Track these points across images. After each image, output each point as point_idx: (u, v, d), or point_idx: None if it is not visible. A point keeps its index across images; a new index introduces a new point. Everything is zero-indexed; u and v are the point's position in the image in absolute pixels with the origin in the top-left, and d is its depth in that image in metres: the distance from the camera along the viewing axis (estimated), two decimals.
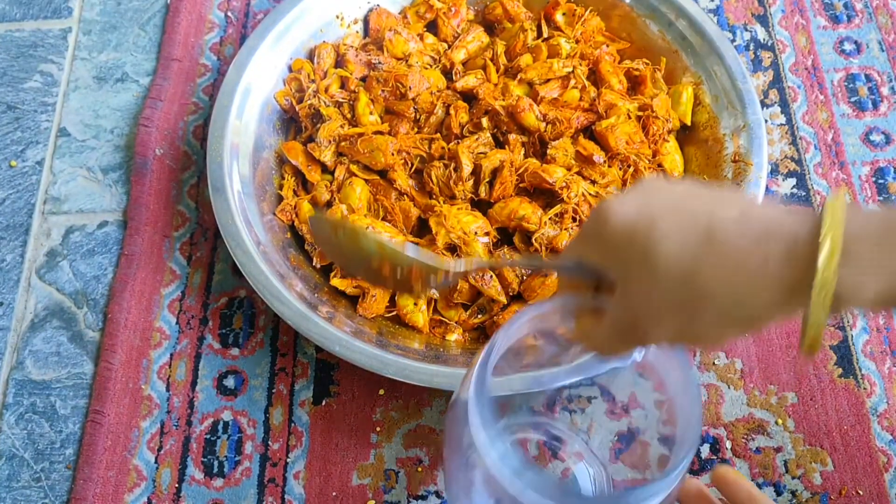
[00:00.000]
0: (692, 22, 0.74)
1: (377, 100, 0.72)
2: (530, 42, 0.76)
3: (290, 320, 0.62)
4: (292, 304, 0.62)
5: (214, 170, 0.68)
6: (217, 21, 0.86)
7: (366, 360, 0.60)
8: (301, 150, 0.72)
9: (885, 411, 0.64)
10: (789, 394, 0.65)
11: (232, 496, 0.63)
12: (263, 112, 0.74)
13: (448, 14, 0.79)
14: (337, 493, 0.62)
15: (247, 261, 0.64)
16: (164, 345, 0.69)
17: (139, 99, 0.82)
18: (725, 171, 0.68)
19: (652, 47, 0.76)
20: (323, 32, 0.78)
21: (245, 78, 0.73)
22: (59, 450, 0.65)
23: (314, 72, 0.76)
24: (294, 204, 0.71)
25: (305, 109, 0.73)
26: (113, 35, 0.87)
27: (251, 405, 0.66)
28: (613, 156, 0.69)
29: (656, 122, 0.71)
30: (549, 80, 0.73)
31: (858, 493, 0.61)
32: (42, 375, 0.68)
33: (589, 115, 0.71)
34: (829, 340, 0.67)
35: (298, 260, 0.69)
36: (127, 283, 0.71)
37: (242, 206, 0.68)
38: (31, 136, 0.81)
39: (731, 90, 0.71)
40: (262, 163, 0.73)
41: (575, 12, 0.77)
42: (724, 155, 0.69)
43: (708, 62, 0.73)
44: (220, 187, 0.67)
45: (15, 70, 0.84)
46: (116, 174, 0.78)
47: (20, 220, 0.76)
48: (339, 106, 0.73)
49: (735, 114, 0.70)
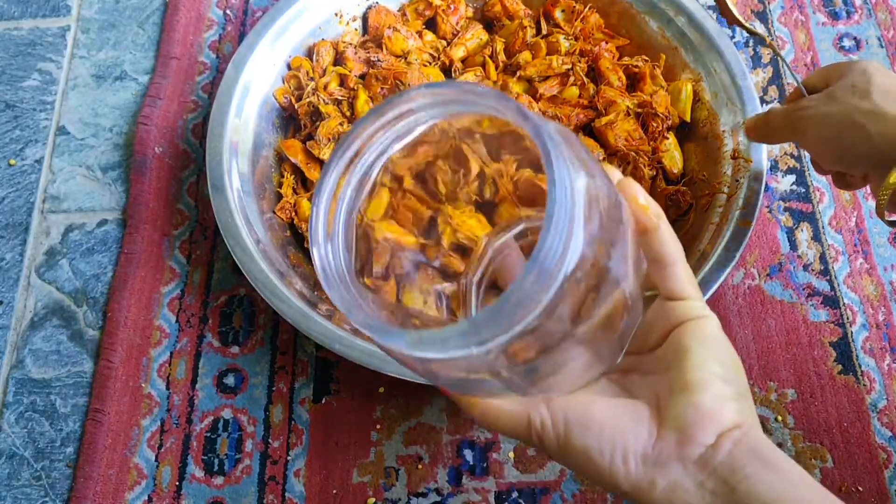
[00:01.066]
0: (691, 18, 0.74)
1: (376, 97, 0.72)
2: (529, 39, 0.75)
3: (291, 318, 0.62)
4: (292, 302, 0.62)
5: (214, 168, 0.68)
6: (216, 19, 0.86)
7: (366, 358, 0.60)
8: (300, 148, 0.72)
9: (885, 408, 0.64)
10: (789, 390, 0.65)
11: (232, 494, 0.63)
12: (262, 110, 0.74)
13: (447, 11, 0.79)
14: (337, 491, 0.62)
15: (246, 259, 0.64)
16: (164, 343, 0.69)
17: (138, 97, 0.82)
18: (725, 167, 0.68)
19: (651, 44, 0.76)
20: (322, 30, 0.78)
21: (244, 76, 0.73)
22: (59, 448, 0.65)
23: (313, 69, 0.76)
24: (294, 202, 0.71)
25: (304, 107, 0.73)
26: (111, 33, 0.87)
27: (251, 403, 0.66)
28: (612, 153, 0.70)
29: (655, 118, 0.70)
30: (548, 78, 0.73)
31: (858, 489, 0.61)
32: (42, 374, 0.68)
33: (588, 112, 0.71)
34: (828, 337, 0.67)
35: (298, 258, 0.69)
36: (127, 281, 0.71)
37: (242, 204, 0.68)
38: (30, 135, 0.80)
39: (731, 87, 0.71)
40: (262, 161, 0.73)
41: (574, 9, 0.77)
42: (724, 152, 0.69)
43: (707, 59, 0.73)
44: (219, 185, 0.67)
45: (13, 69, 0.84)
46: (116, 172, 0.78)
47: (19, 218, 0.76)
48: (339, 104, 0.73)
49: (734, 110, 0.70)
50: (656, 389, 0.36)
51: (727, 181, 0.67)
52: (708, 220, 0.66)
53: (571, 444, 0.35)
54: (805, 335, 0.67)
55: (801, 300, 0.68)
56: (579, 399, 0.36)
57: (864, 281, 0.69)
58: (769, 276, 0.70)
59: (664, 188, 0.69)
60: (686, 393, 0.34)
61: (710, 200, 0.67)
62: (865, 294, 0.69)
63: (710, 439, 0.33)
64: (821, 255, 0.71)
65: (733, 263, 0.62)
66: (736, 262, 0.62)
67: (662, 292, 0.38)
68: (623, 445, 0.34)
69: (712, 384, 0.34)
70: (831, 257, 0.70)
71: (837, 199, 0.73)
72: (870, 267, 0.70)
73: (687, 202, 0.69)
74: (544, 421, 0.36)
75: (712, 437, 0.33)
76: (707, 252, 0.63)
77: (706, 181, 0.69)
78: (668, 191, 0.69)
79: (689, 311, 0.37)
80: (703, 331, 0.36)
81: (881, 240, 0.71)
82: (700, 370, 0.35)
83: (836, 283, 0.69)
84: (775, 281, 0.69)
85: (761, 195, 0.64)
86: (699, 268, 0.62)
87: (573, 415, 0.36)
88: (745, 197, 0.65)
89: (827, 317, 0.68)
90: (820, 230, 0.72)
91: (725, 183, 0.67)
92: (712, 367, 0.35)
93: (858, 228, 0.72)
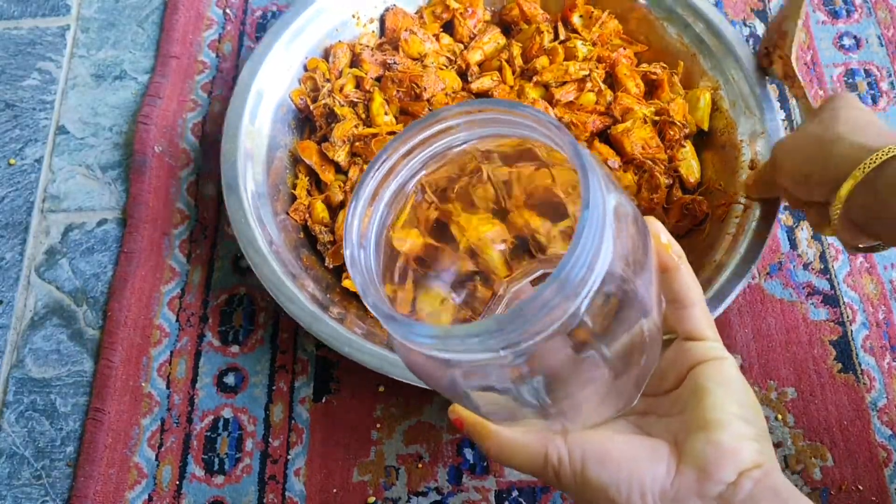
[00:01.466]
0: (709, 24, 0.73)
1: (392, 100, 0.72)
2: (547, 44, 0.74)
3: (302, 321, 0.62)
4: (304, 305, 0.62)
5: (228, 169, 0.68)
6: (215, 18, 0.86)
7: (376, 362, 0.60)
8: (315, 150, 0.72)
9: (885, 406, 0.64)
10: (789, 389, 0.65)
11: (233, 493, 0.63)
12: (278, 111, 0.74)
13: (464, 15, 0.78)
14: (338, 490, 0.62)
15: (259, 261, 0.64)
16: (164, 342, 0.69)
17: (138, 96, 0.82)
18: (742, 176, 0.67)
19: (670, 50, 0.75)
20: (339, 32, 0.78)
21: (260, 77, 0.72)
22: (59, 447, 0.65)
23: (329, 71, 0.76)
24: (308, 204, 0.71)
25: (320, 109, 0.72)
26: (111, 32, 0.86)
27: (251, 402, 0.66)
28: (629, 161, 0.69)
29: (673, 127, 0.70)
30: (565, 83, 0.72)
31: (858, 488, 0.61)
32: (42, 373, 0.68)
33: (605, 119, 0.70)
34: (828, 335, 0.67)
35: (311, 260, 0.68)
36: (126, 280, 0.71)
37: (256, 205, 0.67)
38: (30, 134, 0.80)
39: (749, 95, 0.70)
40: (277, 162, 0.72)
41: (592, 14, 0.76)
42: (742, 161, 0.68)
43: (725, 66, 0.72)
44: (233, 186, 0.67)
45: (13, 68, 0.84)
46: (115, 172, 0.78)
47: (19, 218, 0.76)
48: (354, 106, 0.72)
49: (753, 119, 0.69)
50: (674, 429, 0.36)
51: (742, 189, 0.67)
52: (724, 231, 0.65)
53: (589, 480, 0.35)
54: (805, 334, 0.67)
55: (800, 299, 0.68)
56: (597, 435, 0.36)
57: (864, 279, 0.69)
58: (769, 275, 0.70)
59: (680, 197, 0.69)
60: (705, 431, 0.34)
61: (726, 210, 0.66)
62: (865, 293, 0.69)
63: (731, 477, 0.33)
64: (821, 254, 0.71)
65: (749, 275, 0.61)
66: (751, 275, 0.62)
67: (680, 333, 0.39)
68: (641, 482, 0.34)
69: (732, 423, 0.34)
70: (831, 256, 0.70)
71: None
72: (870, 266, 0.70)
73: (703, 212, 0.68)
74: (561, 456, 0.36)
75: (733, 474, 0.33)
76: (723, 263, 0.63)
77: (723, 191, 0.68)
78: (684, 200, 0.68)
79: (707, 352, 0.37)
80: (722, 372, 0.36)
81: None
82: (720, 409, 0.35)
83: (835, 281, 0.69)
84: (775, 280, 0.69)
85: (780, 206, 0.64)
86: (714, 279, 0.62)
87: (591, 450, 0.35)
88: (762, 208, 0.64)
89: (827, 315, 0.68)
90: None
91: (742, 193, 0.66)
92: (732, 407, 0.35)
93: None
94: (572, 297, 0.29)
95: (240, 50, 0.84)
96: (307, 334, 0.68)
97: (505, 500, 0.62)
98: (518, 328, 0.29)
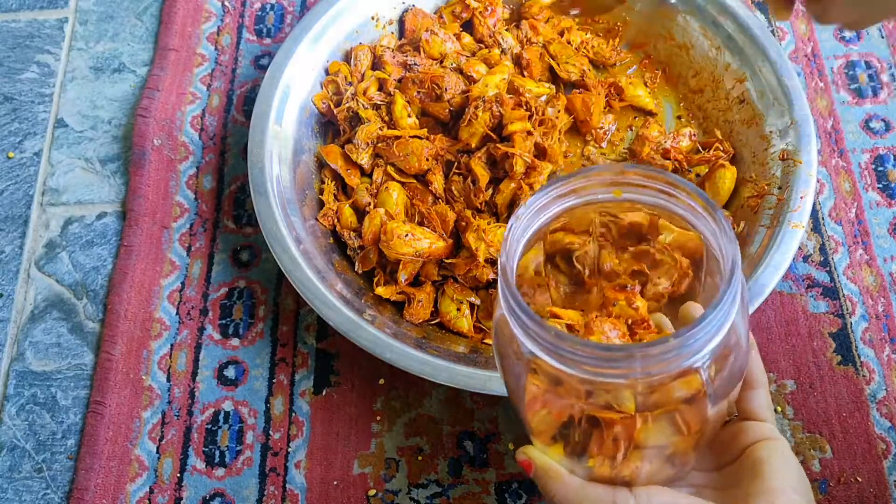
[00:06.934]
0: (736, 18, 0.73)
1: (413, 101, 0.71)
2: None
3: (340, 327, 0.62)
4: (341, 311, 0.62)
5: (256, 175, 0.68)
6: (214, 10, 0.86)
7: (416, 366, 0.60)
8: (339, 154, 0.71)
9: (884, 398, 0.64)
10: (788, 381, 0.65)
11: (233, 486, 0.63)
12: (302, 116, 0.73)
13: (484, 13, 0.77)
14: (338, 482, 0.63)
15: (293, 267, 0.64)
16: (164, 335, 0.69)
17: (136, 89, 0.82)
18: (773, 169, 0.67)
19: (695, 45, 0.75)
20: (359, 34, 0.77)
21: (283, 81, 0.72)
22: (60, 440, 0.65)
23: (351, 74, 0.75)
24: (336, 209, 0.70)
25: (344, 112, 0.72)
26: (109, 25, 0.86)
27: (252, 395, 0.66)
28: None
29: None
30: None
31: (857, 479, 0.61)
32: (42, 366, 0.68)
33: None
34: (828, 328, 0.67)
35: (343, 265, 0.68)
36: (126, 274, 0.71)
37: (285, 210, 0.67)
38: (29, 128, 0.80)
39: (777, 87, 0.70)
40: (302, 166, 0.72)
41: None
42: (771, 153, 0.68)
43: (753, 59, 0.71)
44: (262, 191, 0.67)
45: (11, 61, 0.84)
46: (115, 165, 0.78)
47: (19, 211, 0.76)
48: (378, 108, 0.72)
49: (782, 110, 0.69)
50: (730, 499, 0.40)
51: (777, 182, 0.66)
52: (757, 223, 0.65)
53: None
54: (804, 326, 0.67)
55: (800, 291, 0.69)
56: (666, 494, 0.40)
57: (864, 272, 0.69)
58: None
59: None
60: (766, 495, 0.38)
61: (758, 202, 0.67)
62: (865, 285, 0.69)
63: None
64: (820, 246, 0.71)
65: (785, 267, 0.62)
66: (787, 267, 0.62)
67: (742, 413, 0.44)
68: None
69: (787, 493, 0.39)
70: (831, 248, 0.70)
71: (837, 191, 0.73)
72: (869, 258, 0.70)
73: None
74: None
75: None
76: (757, 256, 0.63)
77: (754, 181, 0.68)
78: None
79: (766, 431, 0.42)
80: (780, 450, 0.41)
81: (881, 230, 0.71)
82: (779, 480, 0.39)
83: (835, 273, 0.69)
84: None
85: (813, 197, 0.64)
86: (751, 273, 0.62)
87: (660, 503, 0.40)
88: (796, 199, 0.64)
89: (826, 308, 0.68)
90: (819, 221, 0.72)
91: (775, 184, 0.66)
92: (790, 480, 0.39)
93: (858, 219, 0.72)
94: (711, 337, 0.35)
95: (238, 42, 0.84)
96: (307, 327, 0.68)
97: (505, 493, 0.62)
98: (663, 356, 0.34)
